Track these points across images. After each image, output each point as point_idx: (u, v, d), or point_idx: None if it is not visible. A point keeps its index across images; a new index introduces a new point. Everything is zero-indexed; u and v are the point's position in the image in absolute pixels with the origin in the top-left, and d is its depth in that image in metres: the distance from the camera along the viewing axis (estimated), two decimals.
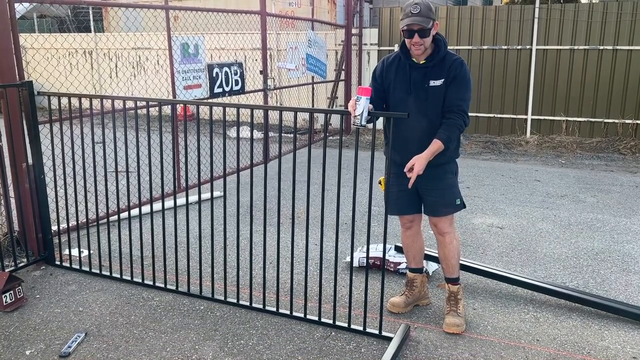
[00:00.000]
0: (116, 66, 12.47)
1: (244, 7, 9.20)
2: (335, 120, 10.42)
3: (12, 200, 4.07)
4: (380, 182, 3.35)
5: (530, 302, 3.64)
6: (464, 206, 3.36)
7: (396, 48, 2.91)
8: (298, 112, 3.31)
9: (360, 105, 2.86)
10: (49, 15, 16.69)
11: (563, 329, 3.32)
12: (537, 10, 9.03)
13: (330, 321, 3.30)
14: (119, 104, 3.79)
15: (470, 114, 3.17)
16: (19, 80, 3.98)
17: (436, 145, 3.05)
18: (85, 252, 4.26)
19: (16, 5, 3.99)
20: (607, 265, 4.27)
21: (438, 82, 3.09)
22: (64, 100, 3.86)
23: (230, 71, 6.38)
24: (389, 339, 3.10)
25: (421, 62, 3.14)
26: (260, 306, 3.50)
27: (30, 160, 4.02)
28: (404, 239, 3.53)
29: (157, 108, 5.21)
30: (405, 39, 3.09)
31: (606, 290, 3.83)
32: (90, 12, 13.68)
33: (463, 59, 3.16)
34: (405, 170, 3.03)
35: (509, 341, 3.19)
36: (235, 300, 3.56)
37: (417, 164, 3.00)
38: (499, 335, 3.25)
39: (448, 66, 3.09)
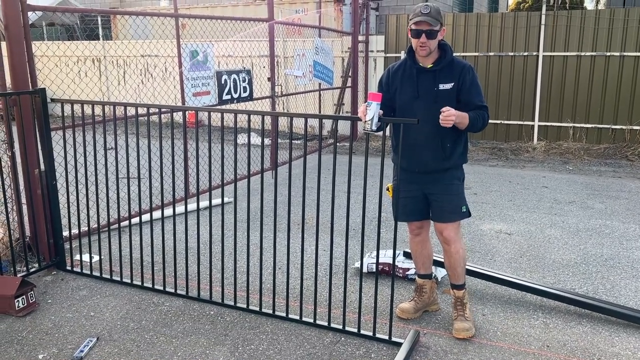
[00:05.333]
0: (124, 73, 12.57)
1: (251, 15, 9.28)
2: (343, 127, 10.46)
3: (24, 206, 4.12)
4: (388, 189, 3.37)
5: (540, 308, 3.64)
6: (469, 214, 3.37)
7: (402, 55, 2.94)
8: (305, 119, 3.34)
9: (371, 111, 2.88)
10: (58, 23, 16.84)
11: (573, 335, 3.31)
12: (543, 17, 9.05)
13: (340, 326, 3.32)
14: (130, 111, 3.83)
15: None
16: (32, 87, 4.04)
17: (465, 115, 3.06)
18: (96, 258, 4.30)
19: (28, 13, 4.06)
20: (616, 271, 4.26)
21: (448, 86, 3.12)
22: (76, 107, 3.91)
23: (239, 78, 6.43)
24: (399, 345, 3.11)
25: (428, 67, 3.18)
26: (270, 311, 3.51)
27: (42, 167, 4.07)
28: (413, 246, 3.54)
29: (166, 115, 5.24)
30: (412, 39, 3.13)
31: (616, 297, 3.82)
32: (99, 20, 13.80)
33: (471, 65, 3.21)
34: (443, 112, 2.99)
35: (518, 347, 3.19)
36: (245, 306, 3.58)
37: (452, 111, 2.98)
38: (509, 341, 3.25)
39: (459, 71, 3.13)
